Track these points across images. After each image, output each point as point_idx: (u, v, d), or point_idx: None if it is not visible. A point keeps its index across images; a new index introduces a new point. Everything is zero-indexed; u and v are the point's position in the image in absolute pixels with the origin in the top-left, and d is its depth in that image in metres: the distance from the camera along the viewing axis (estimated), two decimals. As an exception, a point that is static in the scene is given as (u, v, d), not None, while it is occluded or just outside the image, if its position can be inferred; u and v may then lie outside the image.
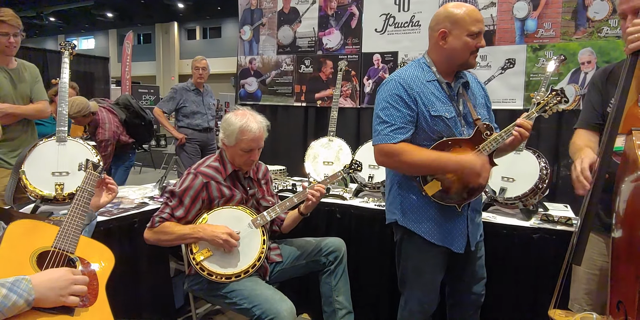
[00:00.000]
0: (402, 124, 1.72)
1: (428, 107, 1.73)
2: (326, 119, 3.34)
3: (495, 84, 3.20)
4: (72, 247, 1.40)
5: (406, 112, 1.73)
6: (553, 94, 1.71)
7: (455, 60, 1.76)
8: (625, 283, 1.14)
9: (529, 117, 1.71)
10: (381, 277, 2.46)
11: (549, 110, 1.71)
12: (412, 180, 1.80)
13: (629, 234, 1.17)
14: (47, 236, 1.39)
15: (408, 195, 1.84)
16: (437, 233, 1.80)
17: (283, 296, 1.89)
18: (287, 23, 4.07)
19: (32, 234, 1.37)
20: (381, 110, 1.76)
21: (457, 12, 1.69)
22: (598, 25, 2.89)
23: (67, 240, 1.40)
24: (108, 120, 3.73)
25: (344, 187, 3.07)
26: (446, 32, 1.71)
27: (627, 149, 1.25)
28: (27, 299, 1.12)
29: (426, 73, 1.80)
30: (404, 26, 3.52)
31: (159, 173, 7.23)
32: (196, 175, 2.04)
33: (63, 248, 1.38)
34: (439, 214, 1.80)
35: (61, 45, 2.70)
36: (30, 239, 1.35)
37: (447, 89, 1.79)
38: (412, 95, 1.73)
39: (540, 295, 2.05)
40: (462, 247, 1.81)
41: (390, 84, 1.77)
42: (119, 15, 19.61)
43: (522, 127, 1.67)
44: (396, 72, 1.86)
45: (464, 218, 1.83)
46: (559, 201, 2.76)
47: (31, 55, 8.30)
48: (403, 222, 1.85)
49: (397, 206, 1.87)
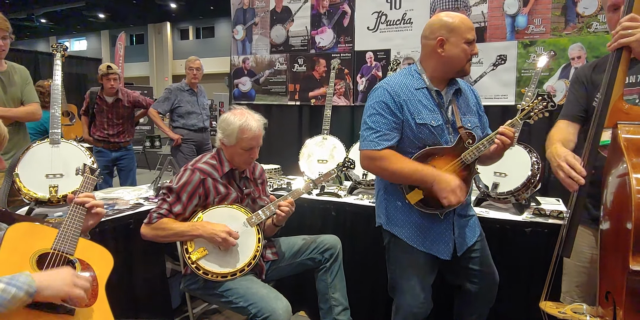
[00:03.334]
0: (388, 131, 1.75)
1: (414, 115, 1.75)
2: (320, 117, 3.35)
3: (486, 80, 3.22)
4: (72, 248, 1.42)
5: (392, 119, 1.75)
6: (539, 99, 1.69)
7: (453, 67, 1.78)
8: (614, 274, 1.17)
9: (513, 124, 1.72)
10: (377, 273, 2.47)
11: (534, 116, 1.71)
12: (397, 187, 1.83)
13: (616, 225, 1.19)
14: (47, 238, 1.40)
15: (393, 200, 1.87)
16: (420, 239, 1.82)
17: (279, 294, 1.91)
18: (279, 22, 4.08)
19: (32, 236, 1.38)
20: (368, 117, 1.80)
21: (452, 21, 1.71)
22: (587, 21, 2.92)
23: (66, 242, 1.42)
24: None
25: (338, 185, 3.09)
26: (444, 40, 1.72)
27: (614, 142, 1.28)
28: (27, 290, 1.11)
29: (415, 80, 1.82)
30: (396, 24, 3.54)
31: (154, 174, 7.22)
32: (193, 171, 2.05)
33: (62, 250, 1.39)
34: (423, 220, 1.82)
35: (53, 47, 2.70)
36: (29, 241, 1.36)
37: (436, 97, 1.80)
38: (399, 102, 1.76)
39: (533, 288, 2.07)
40: (448, 254, 1.82)
41: (378, 91, 1.81)
42: (110, 16, 19.51)
43: (504, 135, 1.68)
44: (385, 79, 1.89)
45: (449, 224, 1.84)
46: (551, 195, 2.78)
47: (22, 57, 8.27)
48: (387, 226, 1.88)
49: (383, 210, 1.91)
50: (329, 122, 3.24)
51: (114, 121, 4.15)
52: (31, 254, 1.33)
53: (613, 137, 1.28)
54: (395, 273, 1.91)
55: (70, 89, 5.35)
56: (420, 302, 1.84)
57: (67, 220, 1.48)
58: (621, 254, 1.08)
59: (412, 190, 1.78)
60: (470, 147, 1.75)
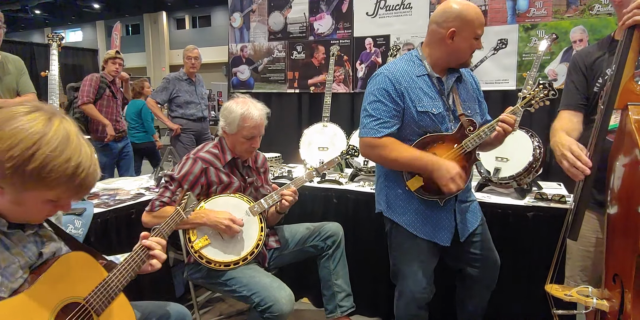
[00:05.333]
0: (388, 119, 1.73)
1: (415, 102, 1.73)
2: (320, 105, 3.33)
3: (487, 64, 3.19)
4: (103, 306, 1.20)
5: (392, 106, 1.73)
6: (540, 87, 1.68)
7: (458, 59, 1.76)
8: (622, 256, 1.16)
9: (514, 111, 1.70)
10: (379, 259, 2.47)
11: (535, 105, 1.69)
12: (397, 174, 1.82)
13: (626, 209, 1.18)
14: (89, 280, 1.20)
15: (393, 187, 1.86)
16: (420, 225, 1.81)
17: (282, 284, 1.91)
18: (277, 9, 4.02)
19: (78, 272, 1.18)
20: (369, 104, 1.78)
21: (468, 13, 1.67)
22: (589, 3, 2.87)
23: (103, 297, 1.20)
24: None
25: (339, 172, 3.08)
26: (455, 32, 1.69)
27: (623, 124, 1.25)
28: None
29: (417, 67, 1.79)
30: (395, 9, 3.49)
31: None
32: (195, 160, 2.03)
33: (94, 306, 1.17)
34: (423, 207, 1.81)
35: (49, 37, 2.67)
36: (72, 278, 1.16)
37: (437, 84, 1.78)
38: (400, 90, 1.73)
39: (536, 272, 2.08)
40: (448, 240, 1.82)
41: (379, 78, 1.77)
42: (105, 6, 19.30)
43: (505, 123, 1.67)
44: (386, 65, 1.86)
45: (450, 211, 1.83)
46: (553, 179, 2.78)
47: (18, 49, 8.18)
48: (387, 213, 1.88)
49: (383, 197, 1.90)
50: (328, 109, 3.21)
51: (117, 109, 4.14)
52: (62, 298, 1.11)
53: (622, 118, 1.26)
54: (397, 259, 1.91)
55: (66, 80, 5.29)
56: (422, 288, 1.85)
57: (120, 266, 1.26)
58: (631, 237, 1.07)
59: (412, 177, 1.77)
60: (471, 135, 1.74)
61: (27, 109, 1.00)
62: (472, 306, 2.02)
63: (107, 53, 4.16)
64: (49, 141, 0.97)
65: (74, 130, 1.03)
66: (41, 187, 0.99)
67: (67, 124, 1.03)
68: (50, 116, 1.01)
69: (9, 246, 1.08)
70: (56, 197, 1.03)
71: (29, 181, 0.97)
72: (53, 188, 1.00)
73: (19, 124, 0.96)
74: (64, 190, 1.02)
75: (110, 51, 4.17)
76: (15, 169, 0.95)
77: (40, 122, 0.98)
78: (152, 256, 1.34)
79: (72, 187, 1.02)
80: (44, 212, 1.07)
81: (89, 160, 1.03)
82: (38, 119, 0.99)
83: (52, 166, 0.96)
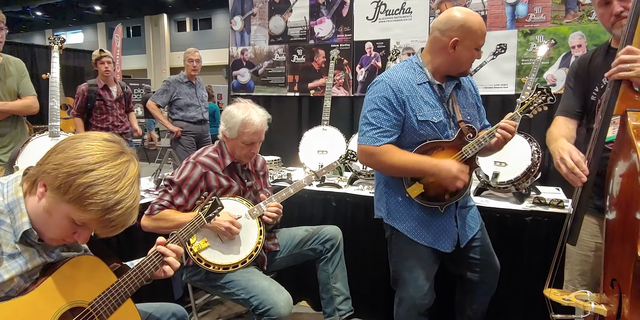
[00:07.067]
0: (388, 128, 1.72)
1: (416, 111, 1.72)
2: (320, 108, 3.34)
3: (487, 69, 3.20)
4: (109, 312, 1.19)
5: (393, 116, 1.72)
6: (538, 93, 1.68)
7: (458, 68, 1.76)
8: (620, 262, 1.16)
9: (513, 118, 1.70)
10: (377, 262, 2.48)
11: (534, 110, 1.69)
12: (397, 180, 1.82)
13: (624, 215, 1.18)
14: (97, 286, 1.18)
15: (393, 194, 1.85)
16: (421, 232, 1.81)
17: (280, 287, 1.91)
18: (278, 12, 4.04)
19: (86, 276, 1.18)
20: (369, 112, 1.76)
21: (472, 24, 1.67)
22: (588, 9, 2.89)
23: (109, 302, 1.18)
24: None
25: (339, 176, 3.08)
26: (458, 41, 1.68)
27: (621, 131, 1.26)
28: None
29: (417, 75, 1.78)
30: (395, 13, 3.50)
31: (154, 167, 7.21)
32: (195, 164, 2.04)
33: (98, 312, 1.16)
34: (424, 214, 1.81)
35: (50, 39, 2.68)
36: (79, 282, 1.16)
37: (438, 91, 1.77)
38: (402, 99, 1.72)
39: (535, 276, 2.08)
40: (449, 247, 1.82)
41: (381, 86, 1.75)
42: (107, 8, 19.35)
43: (505, 129, 1.67)
44: (386, 72, 1.84)
45: (451, 217, 1.83)
46: (551, 184, 2.78)
47: (19, 50, 8.19)
48: (388, 220, 1.87)
49: (383, 204, 1.89)
50: (328, 113, 3.22)
51: (118, 116, 4.14)
52: (66, 302, 1.11)
53: (621, 124, 1.26)
54: (398, 265, 1.91)
55: (67, 82, 5.29)
56: (423, 294, 1.84)
57: (131, 272, 1.24)
58: (629, 242, 1.08)
59: (413, 183, 1.77)
60: (470, 141, 1.74)
61: (110, 138, 1.09)
62: (472, 311, 2.02)
63: (92, 55, 4.15)
64: (109, 168, 1.03)
65: (135, 172, 1.09)
66: (77, 205, 1.01)
67: (133, 164, 1.09)
68: (122, 151, 1.08)
69: (40, 252, 1.13)
70: (82, 222, 1.05)
71: (72, 194, 1.00)
72: (87, 211, 1.01)
73: (95, 145, 1.05)
74: (94, 218, 1.03)
75: (95, 52, 4.14)
76: (68, 176, 1.00)
77: (112, 152, 1.06)
78: (166, 263, 1.33)
79: (103, 219, 1.03)
80: (63, 231, 1.08)
81: (132, 203, 1.07)
82: (113, 148, 1.07)
83: (98, 189, 1.01)
